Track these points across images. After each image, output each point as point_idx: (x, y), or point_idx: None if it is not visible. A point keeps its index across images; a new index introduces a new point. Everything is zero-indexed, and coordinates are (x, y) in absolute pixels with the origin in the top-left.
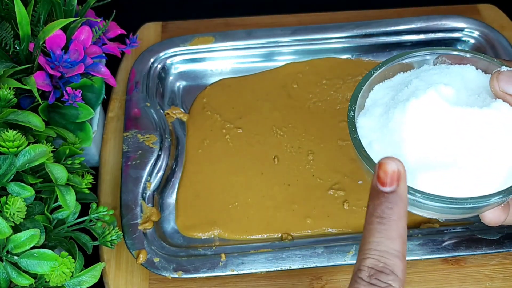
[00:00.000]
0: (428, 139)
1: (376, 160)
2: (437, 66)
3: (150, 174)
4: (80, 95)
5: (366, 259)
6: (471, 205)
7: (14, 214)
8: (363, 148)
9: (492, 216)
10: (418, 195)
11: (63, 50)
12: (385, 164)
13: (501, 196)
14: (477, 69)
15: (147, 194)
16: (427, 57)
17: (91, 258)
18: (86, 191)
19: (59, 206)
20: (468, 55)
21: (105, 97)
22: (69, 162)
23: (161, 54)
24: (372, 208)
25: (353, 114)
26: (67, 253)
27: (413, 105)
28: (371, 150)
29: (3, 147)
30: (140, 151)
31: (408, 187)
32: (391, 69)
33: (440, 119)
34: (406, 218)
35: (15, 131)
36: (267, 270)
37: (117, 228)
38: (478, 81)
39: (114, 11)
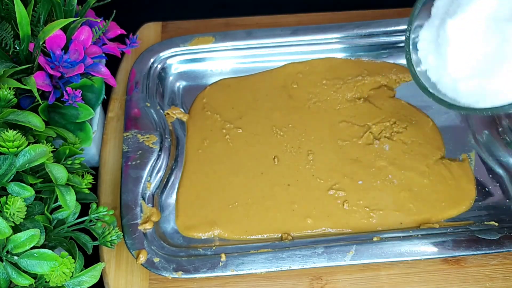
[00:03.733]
0: (468, 52)
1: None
2: None
3: (150, 174)
4: (80, 95)
5: None
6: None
7: (14, 214)
8: (414, 68)
9: None
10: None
11: (63, 50)
12: None
13: None
14: None
15: (147, 194)
16: None
17: (91, 258)
18: (86, 191)
19: (59, 206)
20: None
21: (105, 97)
22: (69, 162)
23: (161, 54)
24: None
25: (408, 35)
26: (67, 253)
27: (451, 25)
28: (426, 63)
29: (3, 147)
30: (140, 151)
31: None
32: None
33: (478, 35)
34: None
35: (15, 131)
36: (267, 270)
37: (117, 228)
38: None
39: (114, 11)
